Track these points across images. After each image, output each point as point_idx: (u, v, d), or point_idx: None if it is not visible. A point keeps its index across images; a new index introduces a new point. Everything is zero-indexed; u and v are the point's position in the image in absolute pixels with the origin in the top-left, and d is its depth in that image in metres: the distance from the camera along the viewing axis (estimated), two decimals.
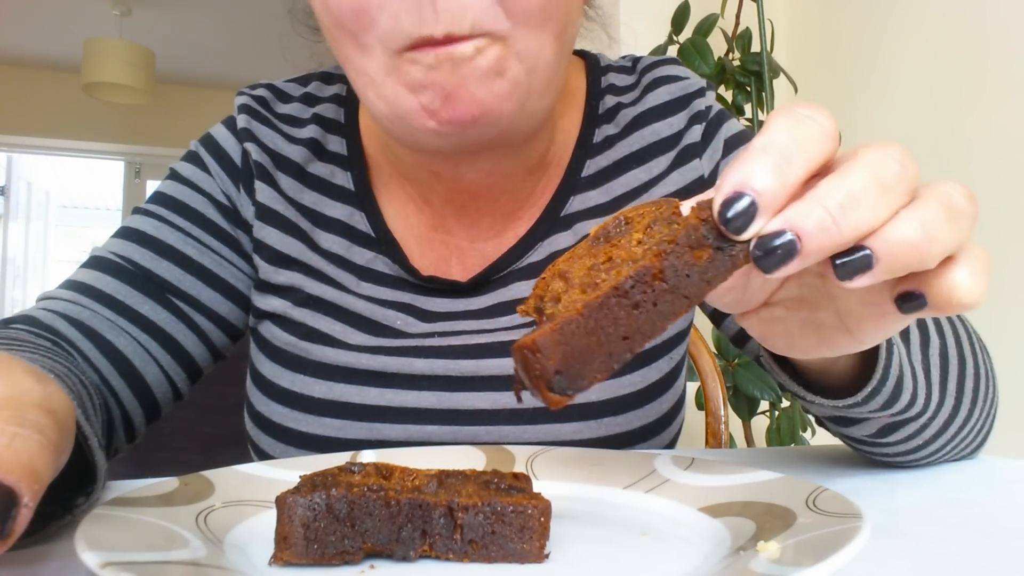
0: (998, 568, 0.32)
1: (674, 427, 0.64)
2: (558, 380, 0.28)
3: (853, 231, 0.27)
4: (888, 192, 0.28)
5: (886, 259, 0.27)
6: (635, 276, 0.29)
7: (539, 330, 0.28)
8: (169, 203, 0.65)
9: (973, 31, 1.44)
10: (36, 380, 0.32)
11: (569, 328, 0.28)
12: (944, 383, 0.47)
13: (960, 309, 0.29)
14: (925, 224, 0.27)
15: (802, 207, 0.27)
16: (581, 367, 0.28)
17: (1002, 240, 1.37)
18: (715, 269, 0.29)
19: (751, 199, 0.27)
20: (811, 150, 0.28)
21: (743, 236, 0.28)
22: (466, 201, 0.64)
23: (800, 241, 0.27)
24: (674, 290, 0.29)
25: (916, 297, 0.29)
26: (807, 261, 0.27)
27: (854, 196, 0.27)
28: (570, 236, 0.64)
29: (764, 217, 0.28)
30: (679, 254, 0.29)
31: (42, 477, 0.27)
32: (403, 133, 0.56)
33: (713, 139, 0.66)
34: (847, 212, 0.27)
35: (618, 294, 0.28)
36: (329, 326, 0.62)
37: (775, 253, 0.27)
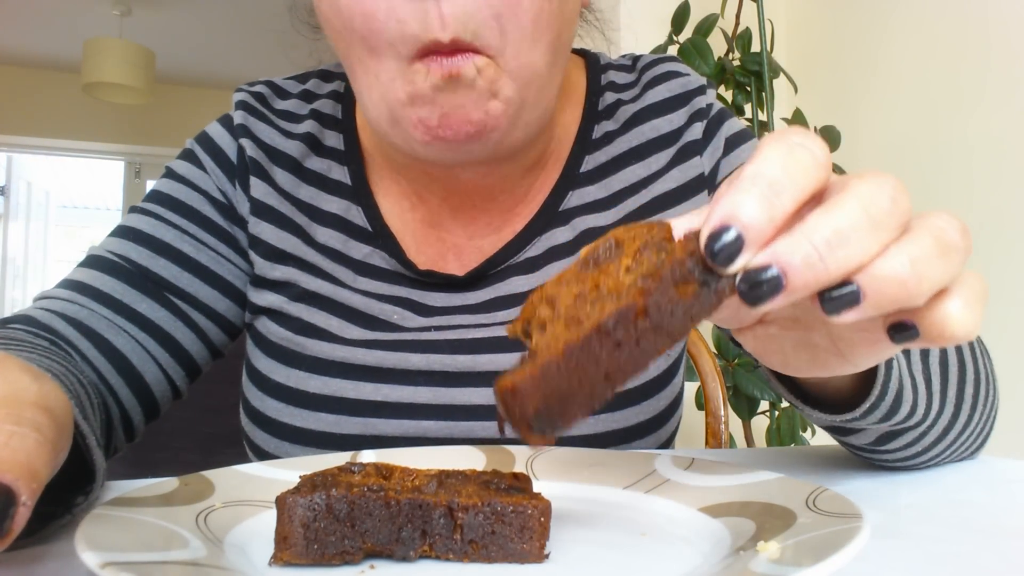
0: (998, 568, 0.32)
1: (672, 424, 0.64)
2: (539, 421, 0.28)
3: (840, 268, 0.27)
4: (878, 227, 0.27)
5: (873, 296, 0.27)
6: (618, 315, 0.28)
7: (519, 372, 0.28)
8: (166, 201, 0.65)
9: (974, 31, 1.44)
10: (33, 378, 0.32)
11: (550, 370, 0.28)
12: (944, 391, 0.46)
13: (953, 341, 0.29)
14: (915, 261, 0.27)
15: (789, 242, 0.27)
16: (562, 408, 0.28)
17: (1002, 240, 1.37)
18: (699, 305, 0.28)
19: (738, 232, 0.27)
20: (801, 181, 0.28)
21: (729, 270, 0.27)
22: (462, 199, 0.64)
23: (786, 277, 0.26)
24: (657, 328, 0.28)
25: (908, 328, 0.29)
26: (792, 297, 0.27)
27: (842, 232, 0.26)
28: (568, 231, 0.64)
29: (751, 251, 0.27)
30: (663, 291, 0.28)
31: (40, 475, 0.27)
32: (398, 139, 0.57)
33: (714, 137, 0.66)
34: (834, 248, 0.26)
35: (600, 333, 0.28)
36: (325, 321, 0.62)
37: (760, 288, 0.27)
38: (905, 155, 1.59)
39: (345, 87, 0.70)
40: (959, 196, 1.46)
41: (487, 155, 0.57)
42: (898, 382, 0.41)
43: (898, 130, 1.61)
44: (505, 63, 0.53)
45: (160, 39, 4.50)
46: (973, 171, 1.44)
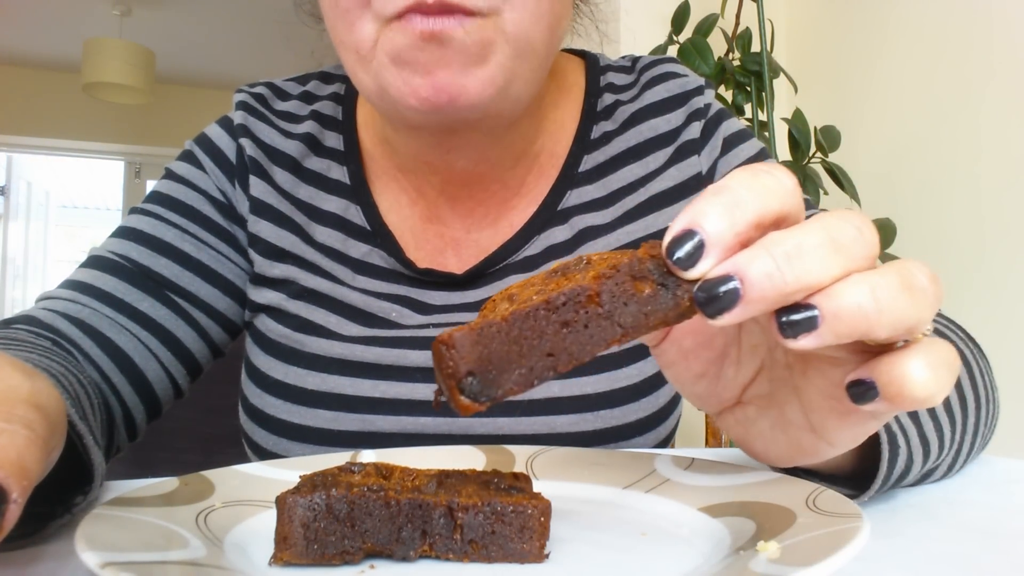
0: (998, 568, 0.32)
1: (671, 421, 0.64)
2: (470, 383, 0.27)
3: (797, 282, 0.26)
4: (840, 252, 0.27)
5: (831, 319, 0.26)
6: (568, 294, 0.28)
7: (459, 328, 0.28)
8: (166, 201, 0.65)
9: (974, 30, 1.44)
10: (24, 376, 0.31)
11: (490, 331, 0.28)
12: (952, 433, 0.45)
13: (913, 403, 0.28)
14: (875, 288, 0.27)
15: (749, 253, 0.27)
16: (497, 374, 0.28)
17: (1003, 240, 1.37)
18: (656, 304, 0.28)
19: (699, 237, 0.27)
20: (764, 199, 0.28)
21: (689, 274, 0.27)
22: (459, 190, 0.64)
23: (743, 286, 0.26)
24: (608, 316, 0.28)
25: (866, 385, 0.28)
26: (750, 309, 0.27)
27: (803, 248, 0.26)
28: (567, 230, 0.64)
29: (711, 257, 0.27)
30: (619, 281, 0.28)
31: (31, 473, 0.27)
32: (389, 109, 0.57)
33: (712, 136, 0.66)
34: (793, 262, 0.26)
35: (548, 308, 0.28)
36: (324, 318, 0.62)
37: (718, 297, 0.27)
38: (905, 155, 1.59)
39: (345, 89, 0.70)
40: (959, 196, 1.46)
41: (477, 122, 0.57)
42: (906, 459, 0.39)
43: (898, 130, 1.61)
44: (503, 23, 0.53)
45: (160, 39, 4.50)
46: (973, 171, 1.43)
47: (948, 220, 1.47)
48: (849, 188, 1.48)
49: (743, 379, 0.36)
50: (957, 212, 1.46)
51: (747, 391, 0.36)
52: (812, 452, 0.34)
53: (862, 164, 1.65)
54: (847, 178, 1.48)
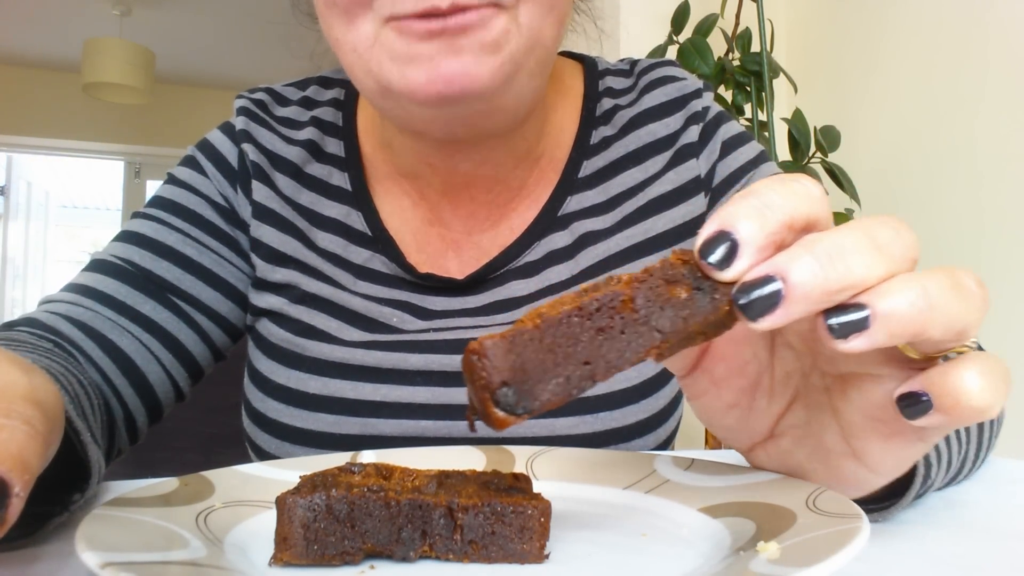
0: (998, 568, 0.32)
1: (671, 423, 0.64)
2: (504, 393, 0.26)
3: (841, 281, 0.26)
4: (881, 252, 0.26)
5: (883, 318, 0.26)
6: (601, 299, 0.27)
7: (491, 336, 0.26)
8: (167, 206, 0.65)
9: (973, 31, 1.44)
10: (23, 372, 0.32)
11: (522, 338, 0.26)
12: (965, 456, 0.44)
13: (970, 414, 0.27)
14: (926, 288, 0.26)
15: (788, 253, 0.26)
16: (533, 384, 0.26)
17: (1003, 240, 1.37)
18: (694, 308, 0.27)
19: (733, 237, 0.27)
20: (794, 203, 0.27)
21: (725, 275, 0.27)
22: (460, 192, 0.64)
23: (785, 285, 0.26)
24: (645, 321, 0.27)
25: (920, 398, 0.27)
26: (793, 310, 0.26)
27: (844, 247, 0.26)
28: (567, 235, 0.64)
29: (745, 258, 0.27)
30: (653, 285, 0.27)
31: (32, 467, 0.27)
32: (393, 108, 0.57)
33: (711, 140, 0.66)
34: (835, 260, 0.26)
35: (581, 315, 0.27)
36: (325, 323, 0.62)
37: (759, 297, 0.26)
38: (905, 155, 1.59)
39: (345, 94, 0.70)
40: (959, 196, 1.46)
41: (482, 116, 0.56)
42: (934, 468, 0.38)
43: (898, 130, 1.61)
44: (518, 14, 0.53)
45: (160, 39, 4.50)
46: (973, 171, 1.43)
47: (948, 220, 1.47)
48: (849, 188, 1.48)
49: (777, 409, 0.35)
50: (957, 212, 1.46)
51: (781, 422, 0.35)
52: (853, 481, 0.33)
53: (862, 164, 1.65)
54: (847, 178, 1.48)
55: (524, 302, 0.62)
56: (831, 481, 0.33)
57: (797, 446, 0.35)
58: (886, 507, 0.37)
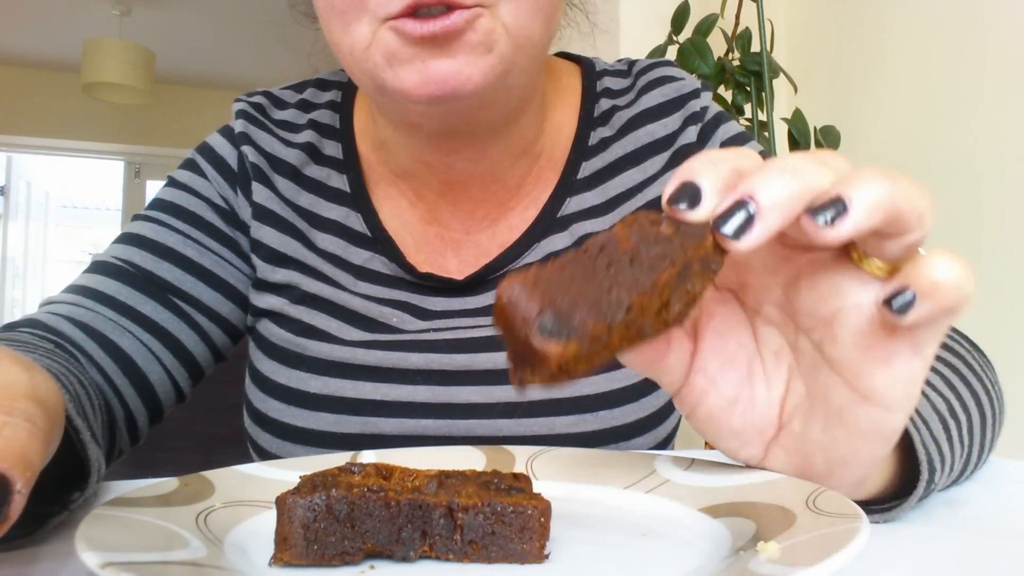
0: (998, 568, 0.32)
1: (671, 421, 0.64)
2: (547, 319, 0.27)
3: (803, 184, 0.29)
4: (827, 166, 0.30)
5: (859, 200, 0.28)
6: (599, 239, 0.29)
7: (515, 275, 0.28)
8: (168, 208, 0.66)
9: (973, 31, 1.44)
10: (23, 369, 0.32)
11: (544, 273, 0.28)
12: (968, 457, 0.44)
13: (952, 293, 0.29)
14: (884, 172, 0.29)
15: (748, 180, 0.29)
16: (568, 306, 0.27)
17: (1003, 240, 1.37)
18: (684, 236, 0.29)
19: (693, 182, 0.30)
20: (736, 157, 0.31)
21: (696, 214, 0.30)
22: (458, 191, 0.65)
23: (755, 202, 0.29)
24: (647, 251, 0.29)
25: (900, 293, 0.29)
26: (769, 221, 0.29)
27: (794, 163, 0.30)
28: (566, 237, 0.64)
29: (710, 195, 0.30)
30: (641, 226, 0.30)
31: (34, 464, 0.27)
32: (390, 104, 0.57)
33: (710, 140, 0.66)
34: (791, 173, 0.29)
35: (587, 253, 0.29)
36: (325, 323, 0.62)
37: (735, 219, 0.29)
38: (905, 155, 1.59)
39: (342, 96, 0.71)
40: (960, 196, 1.46)
41: (476, 114, 0.57)
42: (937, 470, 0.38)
43: (898, 130, 1.61)
44: (500, 13, 0.53)
45: (160, 39, 4.50)
46: (973, 171, 1.44)
47: (947, 220, 1.47)
48: None
49: (777, 394, 0.36)
50: (956, 212, 1.46)
51: (785, 406, 0.36)
52: (874, 428, 0.33)
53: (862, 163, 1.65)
54: None
55: None
56: (855, 441, 0.33)
57: (809, 423, 0.35)
58: (890, 508, 0.37)
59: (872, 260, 0.31)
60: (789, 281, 0.34)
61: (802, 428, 0.35)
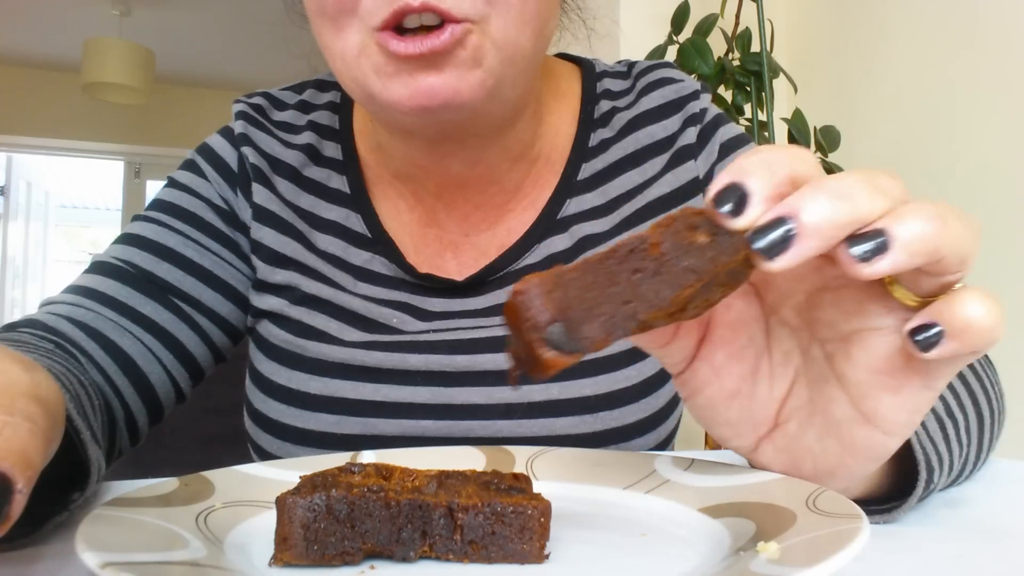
0: (998, 568, 0.32)
1: (671, 422, 0.64)
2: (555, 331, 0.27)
3: (850, 214, 0.27)
4: (881, 191, 0.28)
5: (902, 239, 0.27)
6: (630, 243, 0.28)
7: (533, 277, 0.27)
8: (168, 208, 0.66)
9: (973, 31, 1.44)
10: (24, 369, 0.32)
11: (565, 277, 0.27)
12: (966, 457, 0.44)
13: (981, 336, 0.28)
14: (936, 209, 0.27)
15: (796, 195, 0.28)
16: (579, 322, 0.27)
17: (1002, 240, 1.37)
18: (718, 248, 0.28)
19: (743, 187, 0.28)
20: (794, 162, 0.29)
21: (738, 222, 0.28)
22: (455, 194, 0.64)
23: (797, 223, 0.27)
24: (676, 262, 0.28)
25: (931, 327, 0.28)
26: (807, 245, 0.27)
27: (848, 186, 0.28)
28: (567, 238, 0.64)
29: (756, 205, 0.28)
30: (676, 231, 0.29)
31: (34, 464, 0.27)
32: (379, 113, 0.58)
33: (709, 142, 0.66)
34: (843, 197, 0.27)
35: (615, 256, 0.28)
36: (325, 323, 0.62)
37: (773, 237, 0.28)
38: (905, 155, 1.59)
39: (341, 97, 0.71)
40: (959, 196, 1.46)
41: (468, 124, 0.57)
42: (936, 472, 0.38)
43: (898, 130, 1.61)
44: (488, 29, 0.53)
45: (160, 39, 4.50)
46: (973, 171, 1.44)
47: None
48: None
49: (779, 393, 0.35)
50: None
51: (785, 406, 0.35)
52: (868, 449, 0.33)
53: (862, 164, 1.65)
54: None
55: None
56: (846, 456, 0.33)
57: (805, 428, 0.35)
58: (890, 509, 0.37)
59: (903, 288, 0.30)
60: (814, 290, 0.34)
61: (797, 432, 0.35)
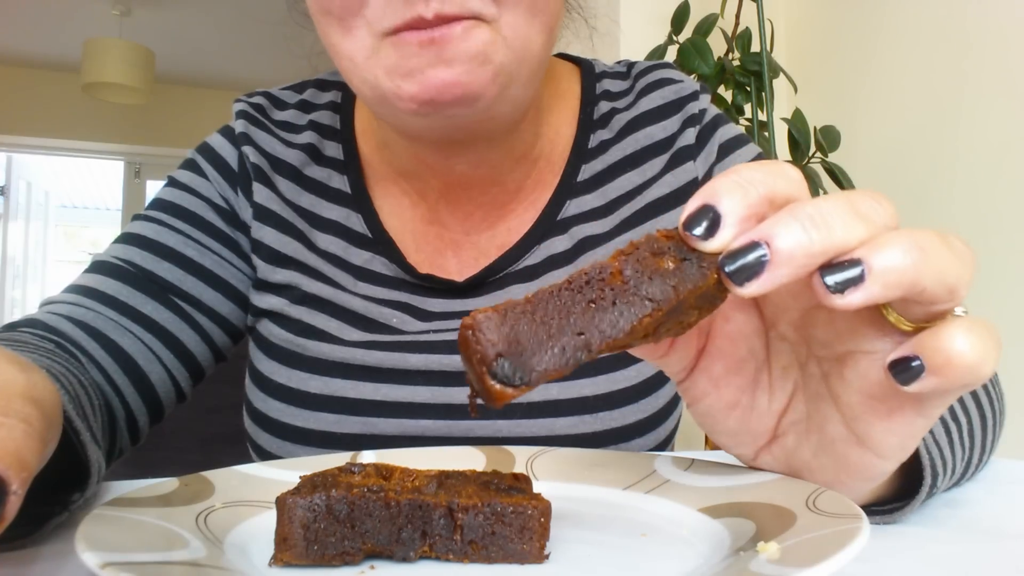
0: (998, 568, 0.32)
1: (671, 422, 0.64)
2: (501, 365, 0.26)
3: (824, 243, 0.26)
4: (862, 218, 0.27)
5: (877, 270, 0.26)
6: (590, 273, 0.28)
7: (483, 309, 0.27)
8: (168, 208, 0.66)
9: (973, 31, 1.44)
10: (20, 369, 0.31)
11: (515, 312, 0.27)
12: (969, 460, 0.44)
13: (963, 374, 0.27)
14: (917, 240, 0.26)
15: (771, 220, 0.27)
16: (529, 355, 0.27)
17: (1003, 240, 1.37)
18: (682, 277, 0.28)
19: (715, 208, 0.27)
20: (773, 180, 0.28)
21: (709, 245, 0.28)
22: (459, 193, 0.65)
23: (769, 250, 0.26)
24: (635, 291, 0.27)
25: (911, 362, 0.27)
26: (778, 273, 0.27)
27: (825, 212, 0.27)
28: (566, 240, 0.64)
29: (728, 228, 0.27)
30: (639, 257, 0.28)
31: (30, 465, 0.27)
32: (388, 115, 0.57)
33: (708, 143, 0.66)
34: (818, 225, 0.26)
35: (571, 288, 0.27)
36: (325, 323, 0.62)
37: (744, 263, 0.27)
38: (904, 155, 1.59)
39: (342, 96, 0.71)
40: (959, 196, 1.46)
41: (477, 125, 0.57)
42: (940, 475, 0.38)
43: (898, 130, 1.61)
44: (500, 27, 0.53)
45: (160, 39, 4.50)
46: (973, 171, 1.44)
47: (948, 220, 1.47)
48: (848, 188, 1.48)
49: (778, 407, 0.35)
50: (957, 212, 1.46)
51: (783, 420, 0.35)
52: (862, 470, 0.32)
53: (862, 164, 1.65)
54: (847, 178, 1.48)
55: None
56: (841, 474, 0.33)
57: (802, 443, 0.35)
58: (891, 511, 0.37)
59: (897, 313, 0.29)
60: (809, 307, 0.33)
61: (795, 445, 0.35)
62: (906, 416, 0.30)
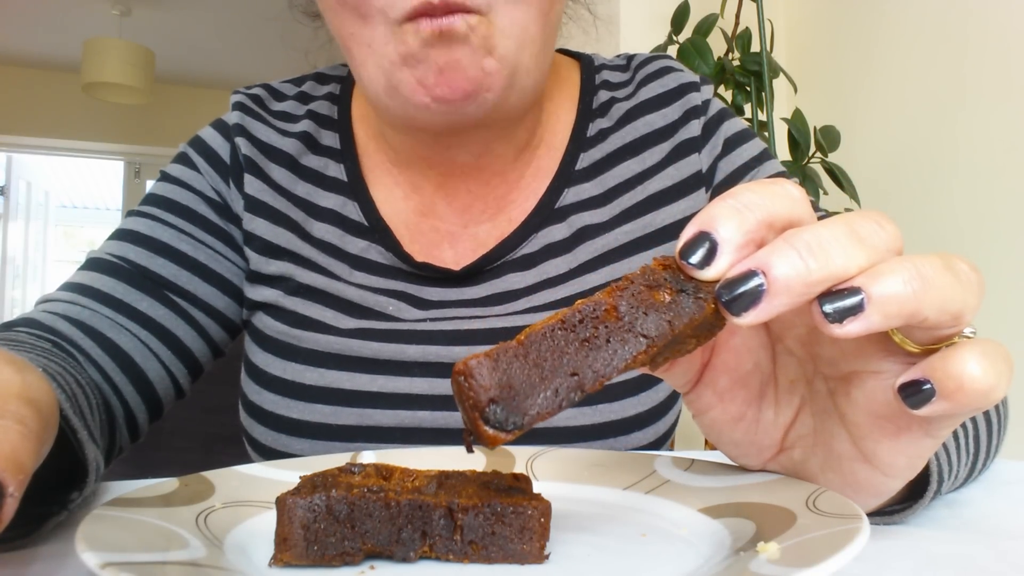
0: (998, 568, 0.32)
1: (670, 416, 0.64)
2: (493, 411, 0.26)
3: (822, 271, 0.26)
4: (862, 243, 0.26)
5: (877, 299, 0.25)
6: (583, 310, 0.27)
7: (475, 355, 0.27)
8: (161, 203, 0.66)
9: (973, 30, 1.44)
10: (16, 370, 0.31)
11: (506, 355, 0.27)
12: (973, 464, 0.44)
13: (974, 398, 0.26)
14: (918, 268, 0.26)
15: (769, 248, 0.27)
16: (521, 400, 0.26)
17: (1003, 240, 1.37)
18: (678, 310, 0.27)
19: (712, 236, 0.27)
20: (772, 202, 0.28)
21: (706, 274, 0.27)
22: (457, 185, 0.65)
23: (767, 279, 0.26)
24: (630, 328, 0.27)
25: (921, 386, 0.27)
26: (776, 303, 0.26)
27: (824, 239, 0.26)
28: (564, 228, 0.64)
29: (726, 256, 0.27)
30: (635, 292, 0.28)
31: (26, 467, 0.27)
32: (397, 108, 0.58)
33: (713, 136, 0.66)
34: (816, 252, 0.26)
35: (564, 327, 0.27)
36: (320, 313, 0.62)
37: (741, 292, 0.26)
38: (904, 155, 1.59)
39: (340, 89, 0.71)
40: (959, 196, 1.46)
41: (485, 118, 0.58)
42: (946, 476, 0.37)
43: (897, 130, 1.61)
44: (495, 18, 0.54)
45: (160, 39, 4.50)
46: (973, 171, 1.44)
47: (948, 220, 1.47)
48: (848, 188, 1.48)
49: (784, 420, 0.35)
50: (957, 212, 1.46)
51: (790, 433, 0.35)
52: (869, 487, 0.32)
53: (862, 164, 1.65)
54: (847, 178, 1.48)
55: (522, 295, 0.63)
56: (847, 490, 0.33)
57: (809, 457, 0.34)
58: (893, 513, 0.37)
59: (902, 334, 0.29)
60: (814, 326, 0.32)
61: (801, 458, 0.35)
62: (914, 436, 0.30)
